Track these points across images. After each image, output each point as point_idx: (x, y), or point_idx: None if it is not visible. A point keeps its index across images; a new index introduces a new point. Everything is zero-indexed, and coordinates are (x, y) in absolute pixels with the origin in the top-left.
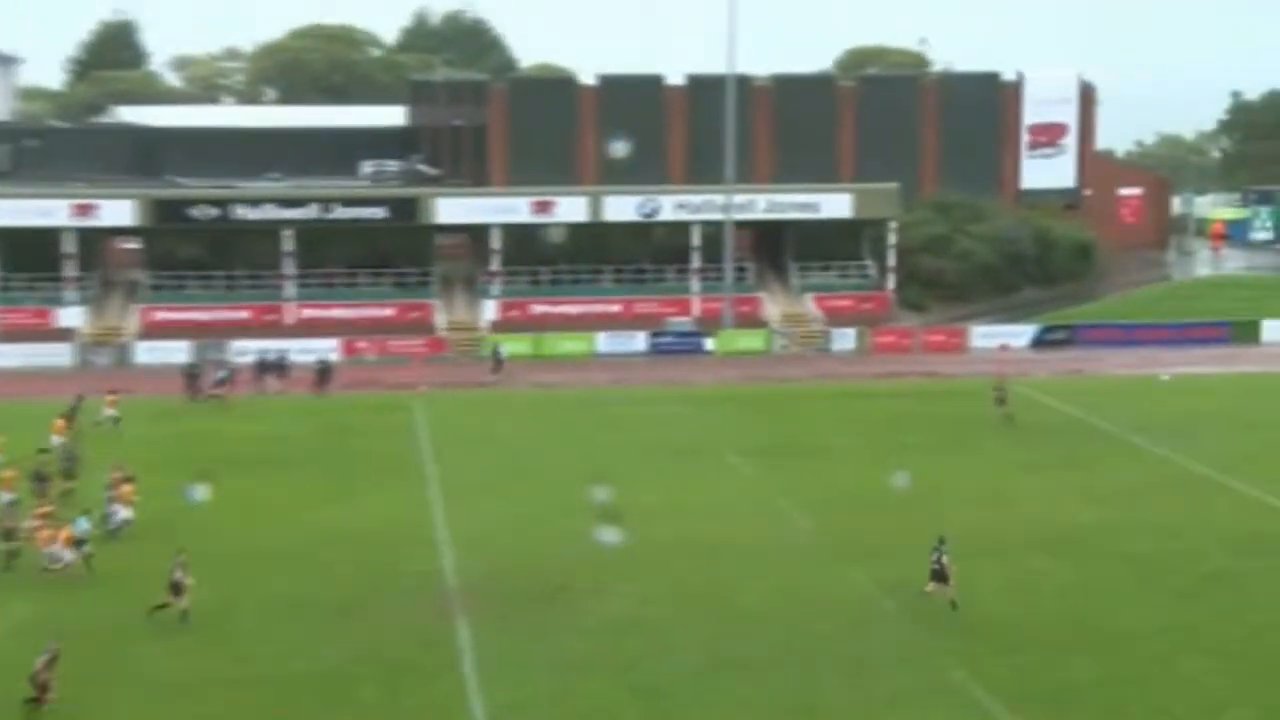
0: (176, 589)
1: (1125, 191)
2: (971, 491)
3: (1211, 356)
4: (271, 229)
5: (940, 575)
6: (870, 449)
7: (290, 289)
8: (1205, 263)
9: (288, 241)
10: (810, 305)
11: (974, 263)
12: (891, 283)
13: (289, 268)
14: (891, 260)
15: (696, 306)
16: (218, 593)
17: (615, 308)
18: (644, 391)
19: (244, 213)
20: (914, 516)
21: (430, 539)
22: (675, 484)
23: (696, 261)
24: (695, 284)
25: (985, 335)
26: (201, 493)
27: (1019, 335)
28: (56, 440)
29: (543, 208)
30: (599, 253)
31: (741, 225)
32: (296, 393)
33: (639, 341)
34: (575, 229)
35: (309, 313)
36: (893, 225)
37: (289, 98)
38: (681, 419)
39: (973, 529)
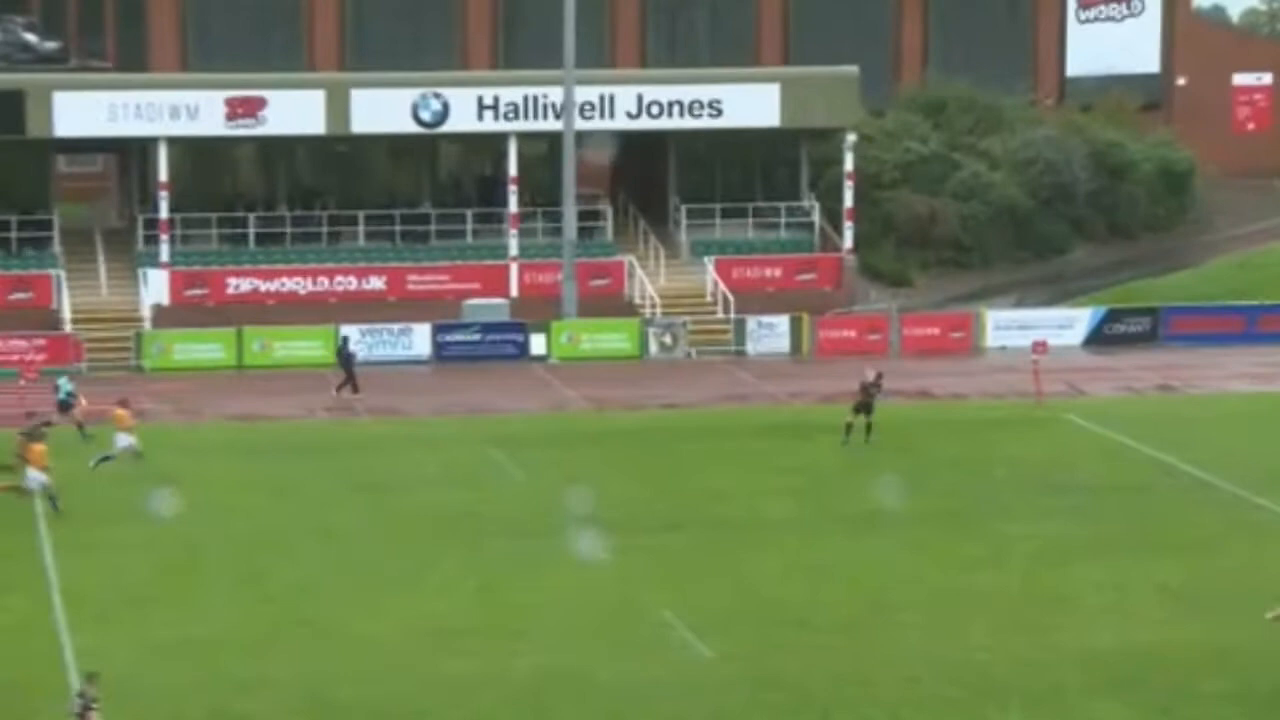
0: None
1: (1246, 79)
2: (990, 594)
3: None
4: None
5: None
6: (814, 523)
7: None
8: None
9: None
10: (710, 277)
11: (989, 203)
12: (848, 239)
13: None
14: (849, 200)
15: (515, 280)
16: None
17: (375, 283)
18: (423, 426)
19: None
20: (882, 637)
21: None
22: (479, 588)
23: (515, 205)
24: (512, 242)
25: (1009, 326)
26: None
27: (1066, 326)
28: None
29: (245, 110)
30: (346, 190)
31: (593, 142)
32: None
33: (416, 341)
34: (306, 149)
35: None
36: (850, 140)
37: None
38: (489, 474)
39: (996, 659)
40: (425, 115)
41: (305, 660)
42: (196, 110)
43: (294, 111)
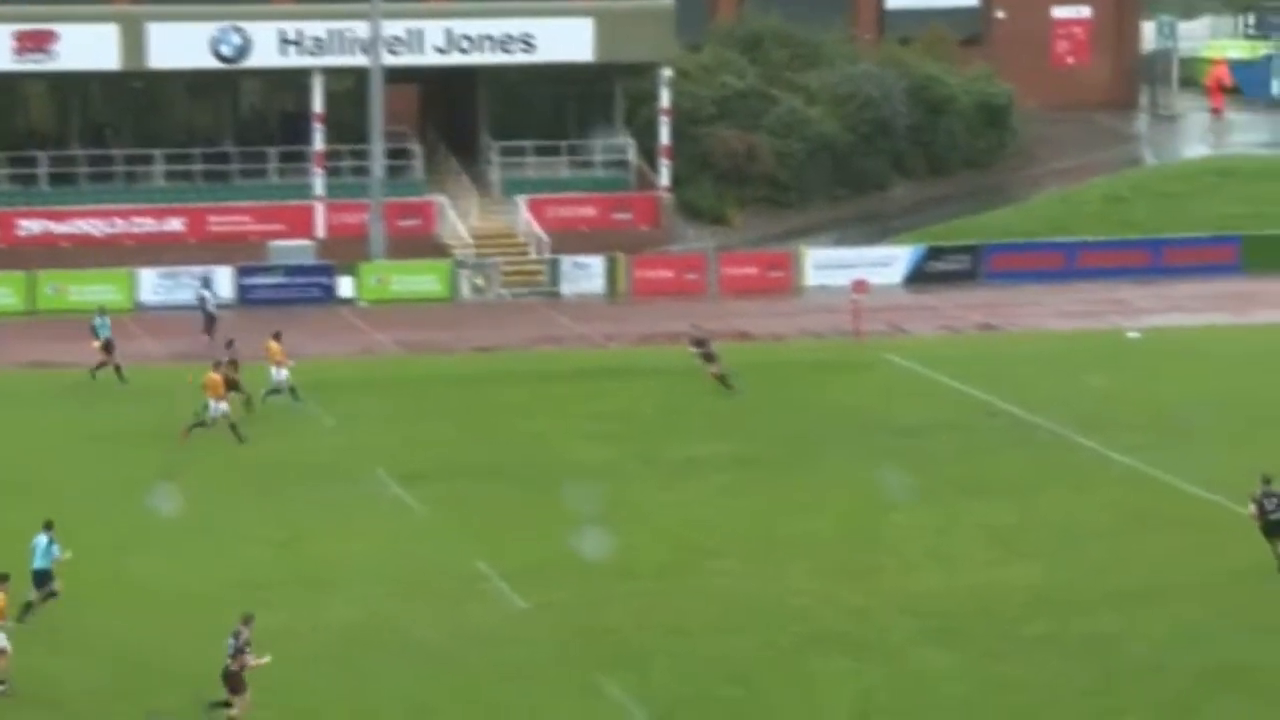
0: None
1: (1065, 12)
2: (811, 539)
3: (1210, 296)
4: None
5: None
6: (630, 469)
7: None
8: (1198, 135)
9: None
10: (524, 216)
11: (807, 139)
12: (665, 176)
13: None
14: (665, 137)
15: (321, 220)
16: None
17: (175, 224)
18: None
19: None
20: (701, 584)
21: None
22: (287, 539)
23: (320, 143)
24: (318, 181)
25: (829, 265)
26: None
27: (886, 264)
28: None
29: (35, 44)
30: (143, 127)
31: (402, 77)
32: None
33: (219, 284)
34: (100, 85)
35: None
36: (666, 75)
37: None
38: (297, 421)
39: (817, 605)
40: (225, 50)
41: (112, 618)
42: None
43: (87, 46)
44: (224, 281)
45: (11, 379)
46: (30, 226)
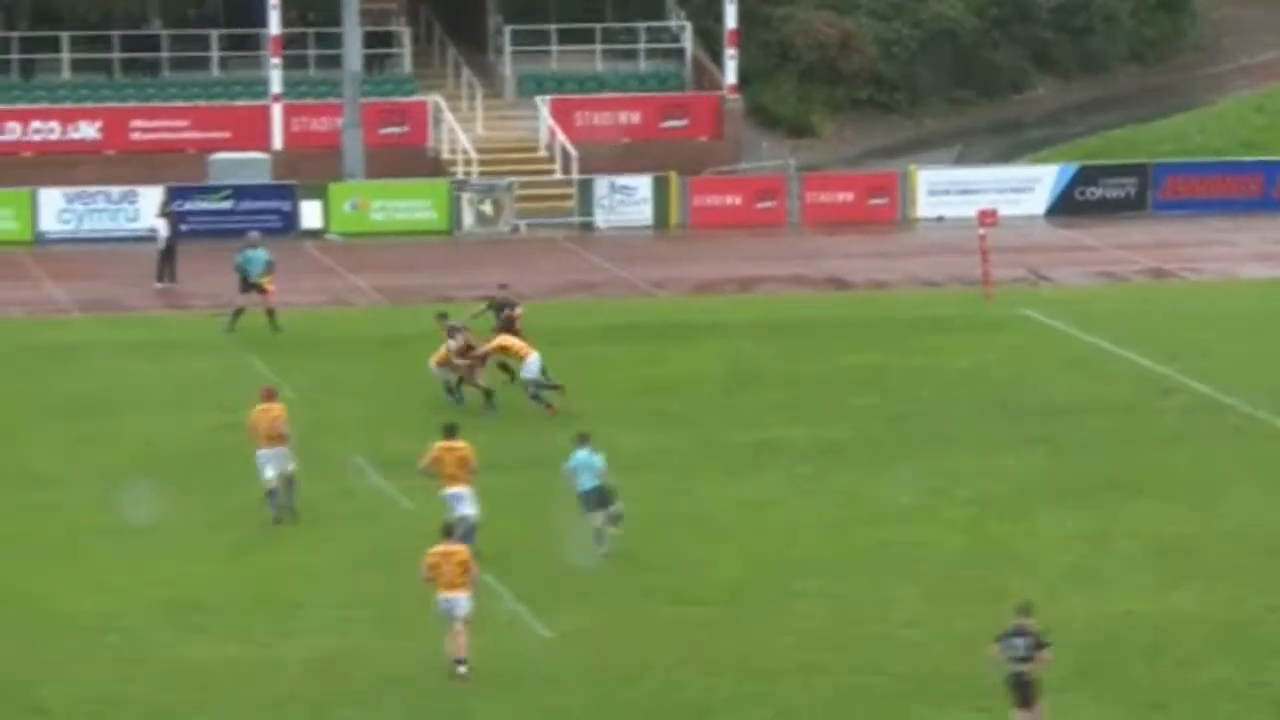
0: None
1: None
2: (922, 552)
3: None
4: None
5: None
6: (687, 457)
7: None
8: None
9: None
10: (545, 124)
11: (920, 25)
12: (731, 72)
13: None
14: (731, 19)
15: (278, 127)
16: None
17: (86, 130)
18: (155, 327)
19: None
20: (776, 610)
21: None
22: (231, 547)
23: (277, 24)
24: (274, 76)
25: (947, 190)
26: None
27: (1024, 189)
28: None
29: None
30: (45, 2)
31: None
32: None
33: (144, 209)
34: None
35: None
36: None
37: None
38: (244, 392)
39: (930, 639)
40: None
41: (2, 646)
42: None
43: None
44: (152, 206)
45: None
46: None
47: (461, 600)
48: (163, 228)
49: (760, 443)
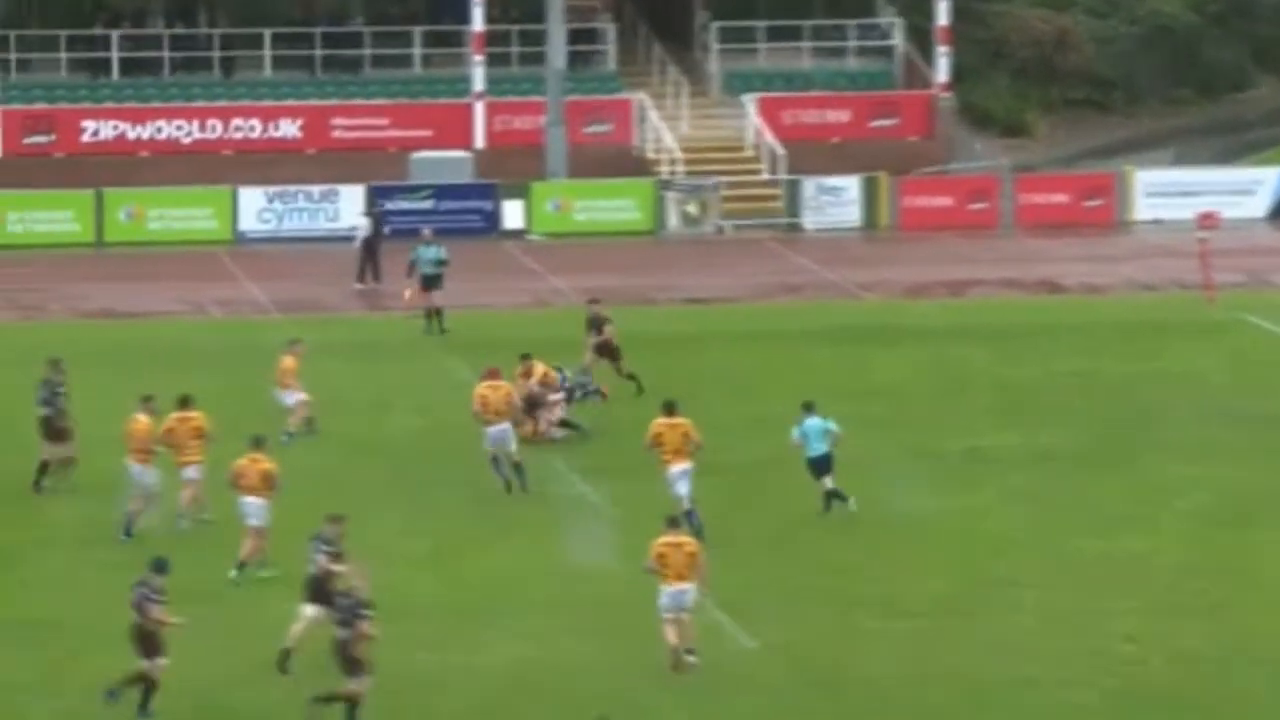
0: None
1: None
2: (1141, 563)
3: None
4: None
5: None
6: (896, 464)
7: None
8: None
9: None
10: (752, 122)
11: (1138, 20)
12: (944, 70)
13: None
14: (944, 16)
15: (481, 126)
16: None
17: (287, 128)
18: (355, 328)
19: None
20: (988, 623)
21: None
22: (437, 546)
23: (480, 21)
24: (477, 73)
25: (1166, 191)
26: None
27: (1246, 190)
28: None
29: None
30: (249, 3)
31: None
32: None
33: (345, 209)
34: None
35: None
36: None
37: None
38: (444, 396)
39: (1147, 653)
40: None
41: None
42: None
43: None
44: (352, 206)
45: (71, 331)
46: (98, 130)
47: (689, 591)
48: (365, 227)
49: (971, 450)
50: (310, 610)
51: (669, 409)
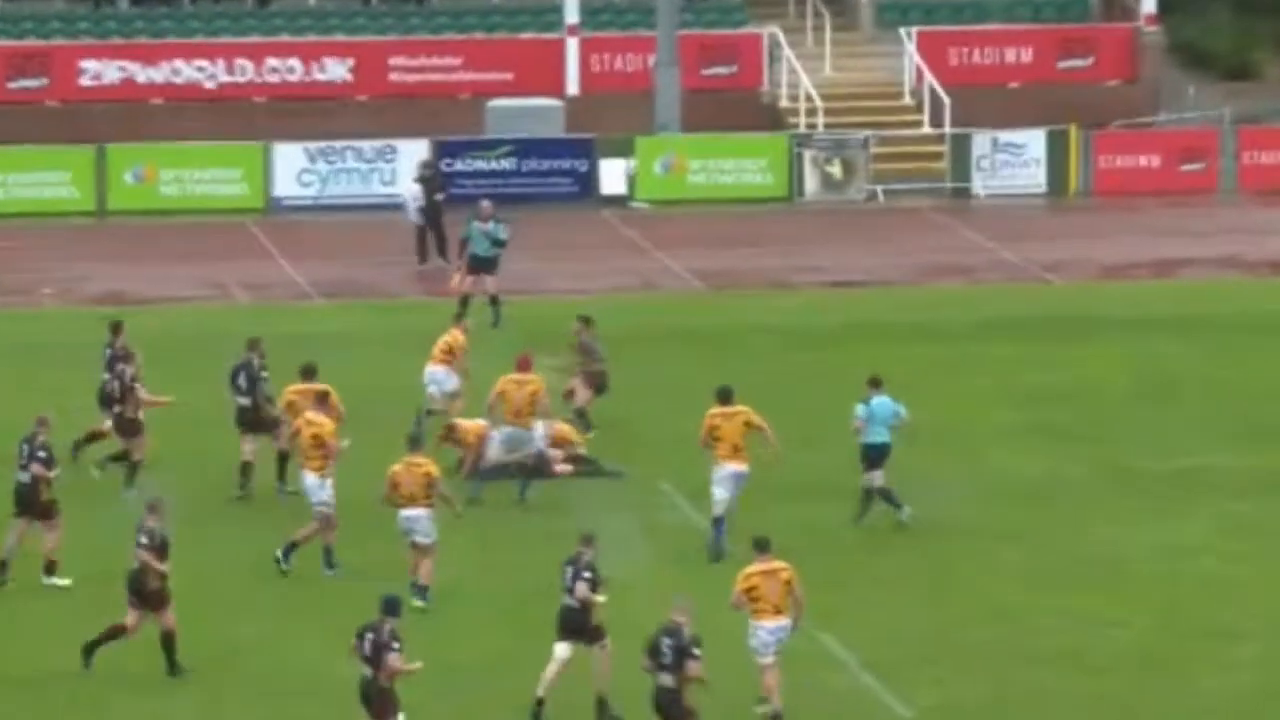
0: None
1: None
2: None
3: None
4: None
5: None
6: (1091, 487)
7: None
8: None
9: None
10: (910, 63)
11: None
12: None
13: None
14: None
15: (574, 67)
16: None
17: (335, 69)
18: (415, 313)
19: None
20: (1199, 683)
21: None
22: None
23: None
24: (570, 3)
25: None
26: None
27: None
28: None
29: None
30: None
31: None
32: None
33: (404, 169)
34: None
35: None
36: None
37: None
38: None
39: None
40: None
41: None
42: None
43: None
44: (413, 168)
45: (70, 318)
46: (101, 72)
47: (788, 628)
48: (417, 194)
49: (1181, 471)
50: (565, 649)
51: (723, 396)
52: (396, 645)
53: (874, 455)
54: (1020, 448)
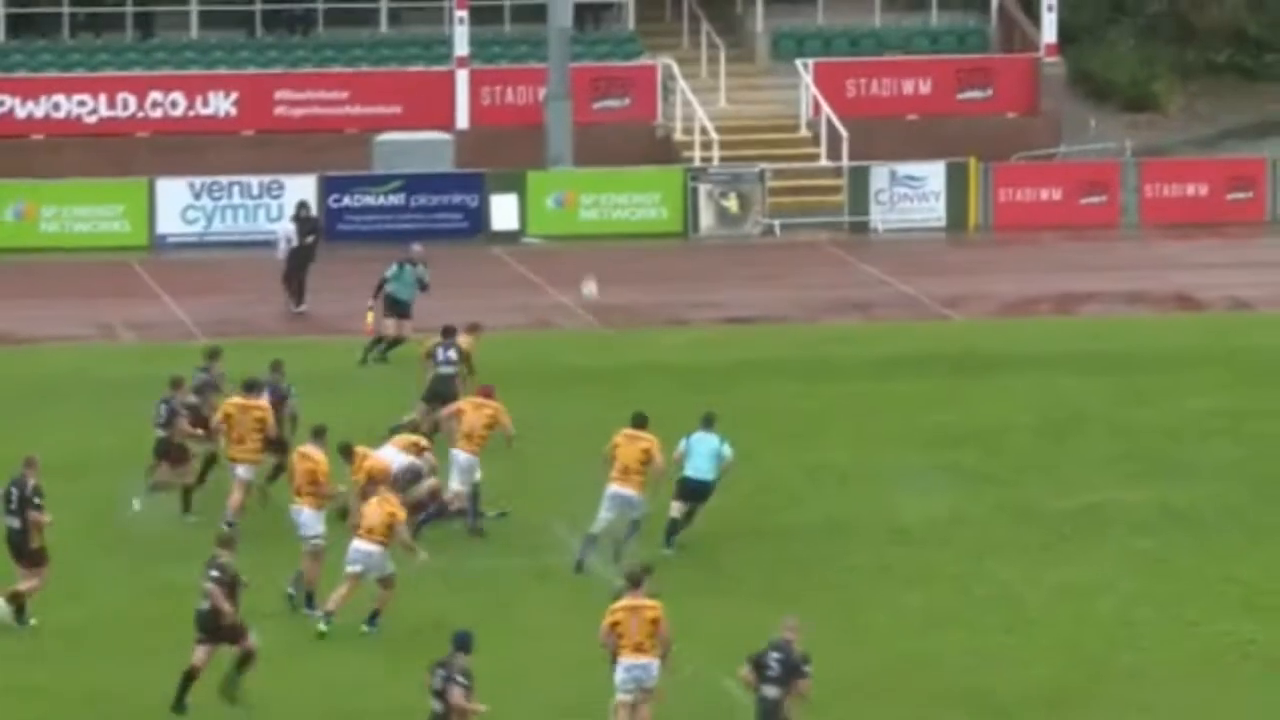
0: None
1: None
2: None
3: None
4: None
5: None
6: (995, 528)
7: None
8: None
9: None
10: (807, 95)
11: None
12: (1050, 29)
13: None
14: None
15: (464, 101)
16: None
17: (219, 103)
18: (295, 351)
19: None
20: None
21: None
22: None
23: None
24: (460, 33)
25: None
26: None
27: None
28: None
29: None
30: None
31: None
32: None
33: (291, 206)
34: None
35: None
36: None
37: None
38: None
39: None
40: None
41: None
42: None
43: None
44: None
45: None
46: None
47: (651, 668)
48: (290, 234)
49: (1085, 509)
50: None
51: (638, 421)
52: (463, 681)
53: (686, 489)
54: (924, 488)
